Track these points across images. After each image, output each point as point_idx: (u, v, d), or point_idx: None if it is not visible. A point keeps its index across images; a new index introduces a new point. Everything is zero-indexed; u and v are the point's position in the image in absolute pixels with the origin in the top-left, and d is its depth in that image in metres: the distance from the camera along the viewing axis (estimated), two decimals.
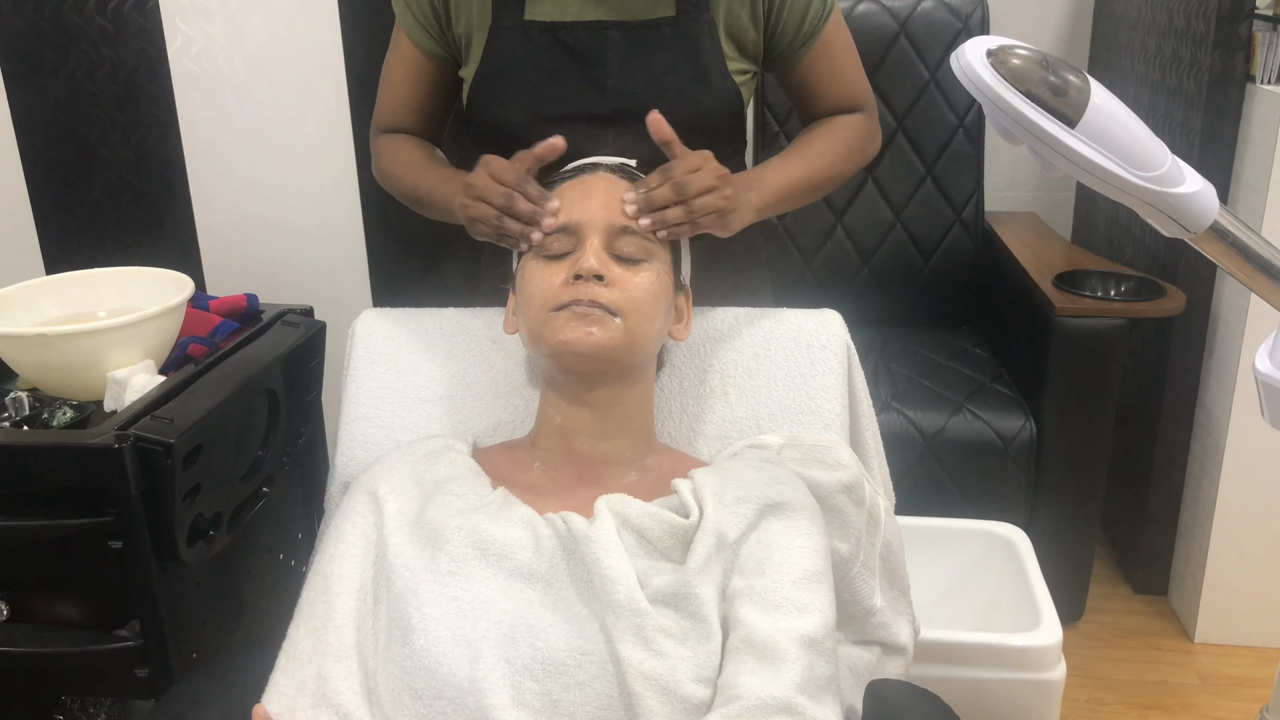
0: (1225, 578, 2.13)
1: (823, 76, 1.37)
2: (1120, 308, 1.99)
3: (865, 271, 2.45)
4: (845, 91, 1.38)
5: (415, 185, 1.33)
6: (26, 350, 1.27)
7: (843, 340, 1.30)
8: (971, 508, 2.04)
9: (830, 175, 1.34)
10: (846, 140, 1.36)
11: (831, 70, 1.37)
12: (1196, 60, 2.01)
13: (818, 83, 1.37)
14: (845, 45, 1.37)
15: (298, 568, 1.56)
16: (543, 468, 1.15)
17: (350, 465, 1.28)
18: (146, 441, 1.16)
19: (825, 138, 1.36)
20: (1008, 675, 1.59)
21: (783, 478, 1.11)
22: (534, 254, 1.14)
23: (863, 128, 1.39)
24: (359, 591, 1.04)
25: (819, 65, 1.36)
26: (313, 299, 1.61)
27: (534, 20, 1.29)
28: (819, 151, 1.34)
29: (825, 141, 1.35)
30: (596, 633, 0.98)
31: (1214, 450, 2.09)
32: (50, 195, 1.93)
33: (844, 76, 1.38)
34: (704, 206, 1.14)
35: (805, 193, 1.32)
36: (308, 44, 1.82)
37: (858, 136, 1.38)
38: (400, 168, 1.35)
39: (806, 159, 1.32)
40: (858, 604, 1.23)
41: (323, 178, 1.90)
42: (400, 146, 1.38)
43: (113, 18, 1.82)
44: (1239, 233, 0.87)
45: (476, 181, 1.17)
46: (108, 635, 1.24)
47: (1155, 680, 2.09)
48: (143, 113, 1.88)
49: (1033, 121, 0.81)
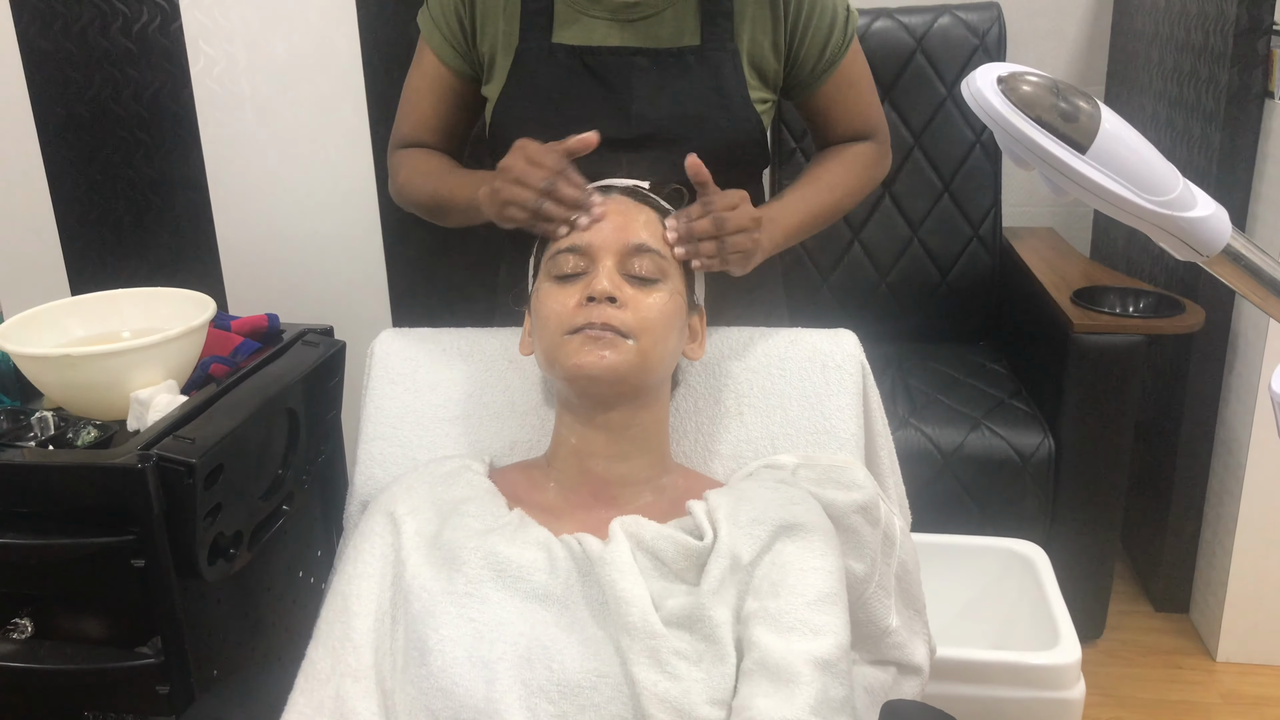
0: (1248, 595, 2.11)
1: (839, 104, 1.39)
2: (1139, 324, 1.98)
3: (882, 287, 2.45)
4: (860, 119, 1.40)
5: (435, 190, 1.34)
6: (52, 371, 1.29)
7: (858, 360, 1.30)
8: (990, 524, 2.03)
9: (840, 207, 1.38)
10: (857, 172, 1.39)
11: (849, 99, 1.39)
12: (1215, 76, 2.00)
13: (834, 110, 1.39)
14: (862, 74, 1.39)
15: (317, 585, 1.57)
16: (558, 488, 1.16)
17: (369, 484, 1.29)
18: (169, 461, 1.17)
19: (835, 169, 1.38)
20: (1026, 694, 1.58)
21: (797, 498, 1.11)
22: (547, 275, 1.15)
23: (873, 155, 1.41)
24: (377, 612, 1.05)
25: (837, 94, 1.38)
26: (333, 318, 1.63)
27: (561, 43, 1.30)
28: (830, 185, 1.36)
29: (836, 174, 1.38)
30: (611, 655, 0.99)
31: (1235, 467, 2.07)
32: (75, 215, 1.96)
33: (860, 105, 1.40)
34: (735, 245, 1.17)
35: (815, 226, 1.35)
36: (328, 65, 1.85)
37: (868, 168, 1.41)
38: (419, 176, 1.37)
39: (818, 193, 1.35)
40: (873, 624, 1.23)
41: (343, 197, 1.92)
42: (419, 157, 1.39)
43: (137, 39, 1.85)
44: (1252, 255, 0.87)
45: (513, 165, 1.16)
46: (130, 652, 1.25)
47: (1177, 699, 2.07)
48: (166, 133, 1.90)
49: (1044, 148, 0.81)
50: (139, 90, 1.88)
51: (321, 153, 1.89)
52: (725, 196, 1.17)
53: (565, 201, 1.14)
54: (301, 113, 1.87)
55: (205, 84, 1.87)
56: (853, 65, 1.37)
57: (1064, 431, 2.02)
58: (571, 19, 1.30)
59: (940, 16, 2.37)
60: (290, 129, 1.88)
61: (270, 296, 1.95)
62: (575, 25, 1.30)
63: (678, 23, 1.30)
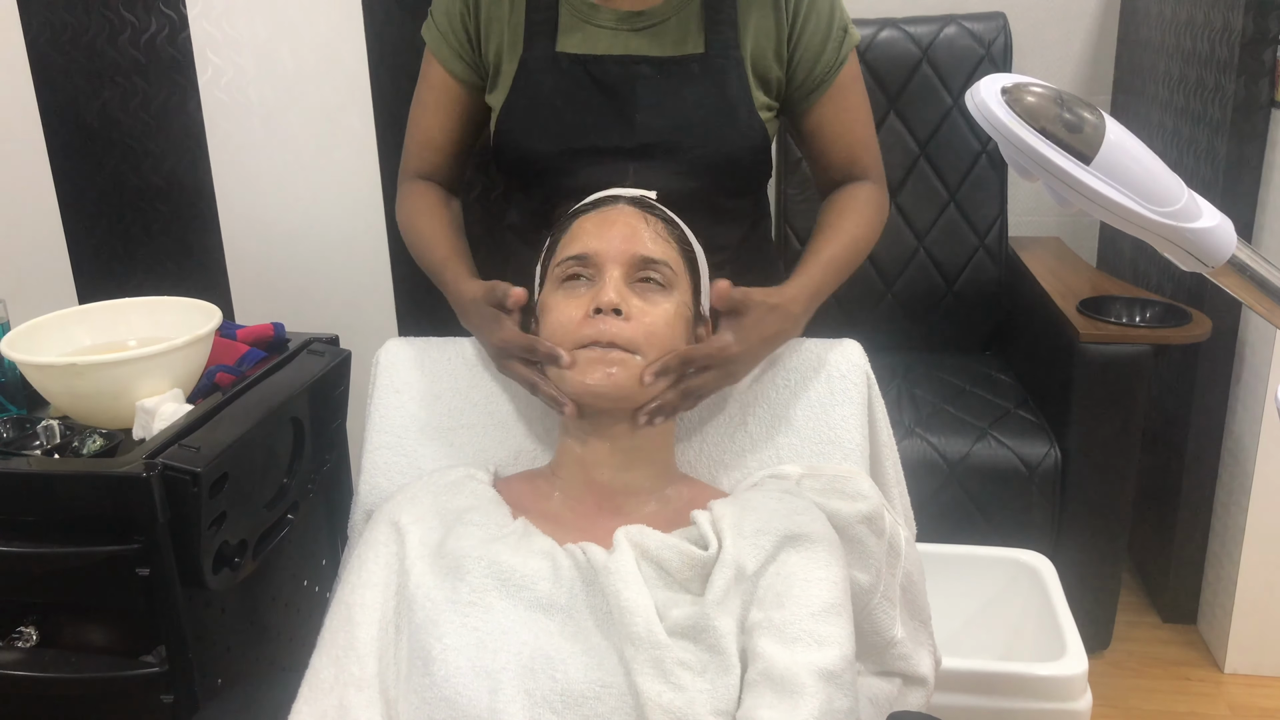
0: (1256, 606, 2.10)
1: (833, 128, 1.36)
2: (1145, 334, 1.97)
3: (889, 297, 2.45)
4: (855, 147, 1.37)
5: (428, 266, 1.35)
6: (58, 379, 1.29)
7: (863, 370, 1.30)
8: (996, 535, 2.03)
9: (853, 267, 1.34)
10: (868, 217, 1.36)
11: (844, 123, 1.36)
12: (1221, 86, 2.00)
13: (828, 134, 1.36)
14: (859, 102, 1.37)
15: (322, 594, 1.57)
16: (563, 497, 1.16)
17: (373, 493, 1.29)
18: (174, 470, 1.18)
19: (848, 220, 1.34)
20: (1032, 705, 1.57)
21: (802, 509, 1.11)
22: (554, 284, 1.15)
23: (876, 204, 1.37)
24: (381, 621, 1.05)
25: (830, 115, 1.35)
26: (339, 327, 1.63)
27: (565, 52, 1.30)
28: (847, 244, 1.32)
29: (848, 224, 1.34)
30: (615, 664, 0.99)
31: (1242, 477, 2.07)
32: (83, 225, 1.97)
33: (855, 133, 1.37)
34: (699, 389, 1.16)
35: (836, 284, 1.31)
36: (335, 74, 1.85)
37: (877, 212, 1.37)
38: (413, 234, 1.37)
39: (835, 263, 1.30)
40: (878, 635, 1.22)
41: (350, 207, 1.92)
42: (420, 213, 1.38)
43: (145, 49, 1.86)
44: (1258, 266, 0.86)
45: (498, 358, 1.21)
46: (134, 661, 1.25)
47: (1184, 711, 2.06)
48: (174, 142, 1.91)
49: (1048, 159, 0.81)
50: (147, 100, 1.88)
51: (328, 162, 1.90)
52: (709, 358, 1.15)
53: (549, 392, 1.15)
54: (308, 122, 1.88)
55: (213, 94, 1.87)
56: (849, 88, 1.35)
57: (1070, 441, 2.01)
58: (576, 27, 1.30)
59: (946, 26, 2.37)
60: (297, 138, 1.89)
61: (276, 305, 1.96)
62: (579, 33, 1.30)
63: (682, 31, 1.30)
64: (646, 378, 1.10)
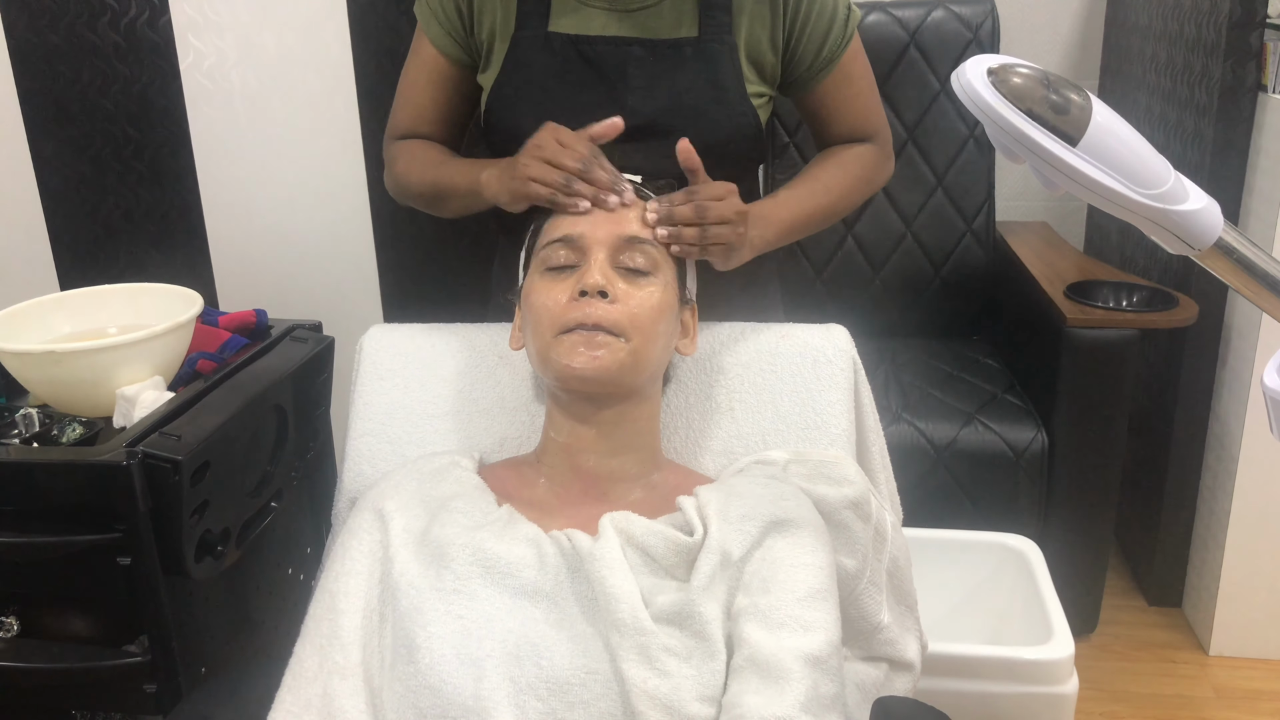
0: (1241, 589, 2.11)
1: (838, 103, 1.37)
2: (1132, 318, 1.98)
3: (876, 282, 2.44)
4: (858, 119, 1.39)
5: (435, 178, 1.33)
6: (37, 367, 1.28)
7: (849, 355, 1.29)
8: (983, 519, 2.03)
9: (835, 210, 1.36)
10: (855, 174, 1.38)
11: (847, 98, 1.37)
12: (1208, 70, 2.00)
13: (832, 109, 1.38)
14: (862, 73, 1.38)
15: (306, 582, 1.56)
16: (548, 484, 1.15)
17: (357, 480, 1.29)
18: (155, 458, 1.17)
19: (833, 170, 1.37)
20: (1019, 689, 1.58)
21: (788, 494, 1.10)
22: (539, 268, 1.14)
23: (872, 159, 1.40)
24: (365, 609, 1.04)
25: (835, 92, 1.36)
26: (323, 314, 1.62)
27: (557, 32, 1.29)
28: (826, 187, 1.35)
29: (833, 175, 1.36)
30: (601, 651, 0.98)
31: (1228, 461, 2.07)
32: (64, 211, 1.95)
33: (859, 104, 1.38)
34: (716, 235, 1.16)
35: (809, 227, 1.34)
36: (319, 59, 1.83)
37: (866, 169, 1.39)
38: (418, 165, 1.36)
39: (814, 195, 1.34)
40: (864, 620, 1.22)
41: (334, 192, 1.91)
42: (417, 147, 1.38)
43: (125, 33, 1.84)
44: (1244, 249, 0.86)
45: (545, 144, 1.16)
46: (117, 651, 1.24)
47: (1170, 694, 2.07)
48: (155, 128, 1.89)
49: (1034, 140, 0.80)
50: (128, 85, 1.87)
51: (312, 147, 1.88)
52: (712, 187, 1.17)
53: (600, 184, 1.14)
54: (292, 107, 1.86)
55: (195, 78, 1.86)
56: (852, 64, 1.36)
57: (1057, 426, 2.02)
58: (569, 8, 1.30)
59: (933, 10, 2.36)
60: (280, 124, 1.87)
61: (260, 292, 1.94)
62: (573, 15, 1.30)
63: (675, 14, 1.29)
64: (649, 215, 1.14)
